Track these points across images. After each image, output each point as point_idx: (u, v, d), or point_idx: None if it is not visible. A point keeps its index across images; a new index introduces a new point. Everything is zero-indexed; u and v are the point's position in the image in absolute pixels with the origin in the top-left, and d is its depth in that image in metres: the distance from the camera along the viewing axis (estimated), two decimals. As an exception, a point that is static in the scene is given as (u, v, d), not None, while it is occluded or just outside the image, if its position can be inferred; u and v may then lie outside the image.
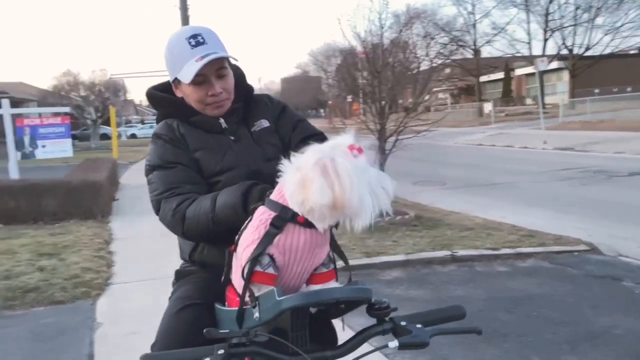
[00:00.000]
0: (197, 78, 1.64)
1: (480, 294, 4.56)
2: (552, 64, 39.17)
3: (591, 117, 26.81)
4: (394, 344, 1.21)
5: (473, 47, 47.38)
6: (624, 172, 11.18)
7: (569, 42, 42.24)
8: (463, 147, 21.08)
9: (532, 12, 43.15)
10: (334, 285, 1.36)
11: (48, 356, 3.62)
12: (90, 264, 5.59)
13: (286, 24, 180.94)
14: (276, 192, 1.33)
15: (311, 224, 1.28)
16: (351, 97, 11.35)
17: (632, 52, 43.95)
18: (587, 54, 42.08)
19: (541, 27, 43.28)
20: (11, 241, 6.68)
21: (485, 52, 49.61)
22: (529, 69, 40.47)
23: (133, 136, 43.29)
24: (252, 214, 1.37)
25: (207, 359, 1.14)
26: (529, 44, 44.07)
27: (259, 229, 1.31)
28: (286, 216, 1.29)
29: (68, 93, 32.68)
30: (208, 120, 1.75)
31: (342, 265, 4.77)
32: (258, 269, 1.29)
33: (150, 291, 4.57)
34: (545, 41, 43.30)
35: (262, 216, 1.32)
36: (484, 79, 51.38)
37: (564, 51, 42.59)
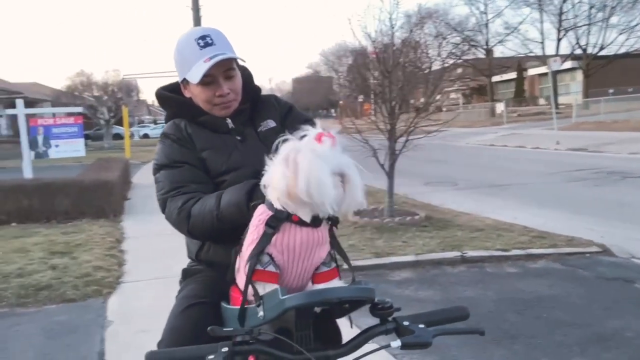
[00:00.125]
0: (205, 78, 1.66)
1: (490, 295, 4.53)
2: (566, 64, 38.89)
3: (605, 118, 26.56)
4: (396, 343, 1.22)
5: (485, 47, 47.12)
6: (638, 173, 11.05)
7: (582, 42, 41.89)
8: (475, 147, 20.96)
9: (545, 11, 42.83)
10: (336, 284, 1.38)
11: (60, 353, 3.66)
12: (102, 262, 5.64)
13: (297, 24, 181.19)
14: None
15: (306, 222, 1.30)
16: (362, 97, 11.33)
17: (647, 51, 43.48)
18: (602, 53, 41.66)
19: (555, 27, 42.94)
20: (24, 239, 6.77)
21: (497, 52, 49.36)
22: (542, 69, 40.17)
23: (145, 136, 43.62)
24: (254, 212, 1.39)
25: (210, 356, 1.15)
26: (542, 43, 43.73)
27: (258, 228, 1.33)
28: (281, 216, 1.31)
29: (81, 93, 33.02)
30: (215, 120, 1.77)
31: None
32: (259, 267, 1.31)
33: (160, 290, 4.61)
34: (558, 41, 42.95)
35: (261, 216, 1.34)
36: (496, 79, 51.06)
37: (578, 51, 42.20)
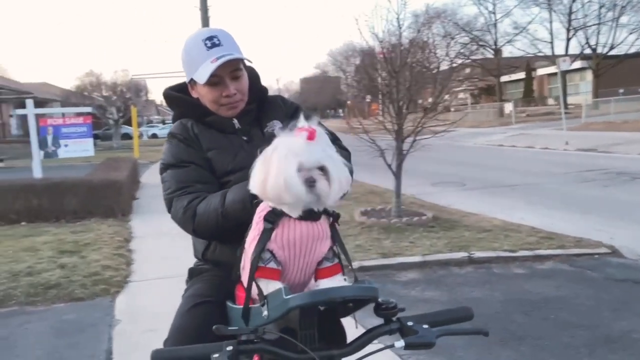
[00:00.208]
0: (212, 79, 1.68)
1: (497, 296, 4.52)
2: (575, 64, 38.60)
3: (615, 118, 26.34)
4: (400, 343, 1.23)
5: (494, 47, 46.90)
6: (648, 174, 10.97)
7: (592, 41, 41.60)
8: (483, 147, 20.87)
9: (554, 11, 42.58)
10: (339, 279, 1.38)
11: (68, 351, 3.69)
12: (110, 261, 5.68)
13: (305, 25, 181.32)
14: None
15: (305, 216, 1.32)
16: (370, 98, 11.32)
17: (658, 51, 43.08)
18: (612, 53, 41.35)
19: (564, 26, 42.67)
20: (34, 238, 6.83)
21: (506, 52, 49.11)
22: (551, 69, 39.90)
23: (154, 136, 43.79)
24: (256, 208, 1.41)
25: (215, 355, 1.16)
26: (552, 43, 43.45)
27: (258, 225, 1.36)
28: (278, 211, 1.33)
29: (90, 93, 33.22)
30: (222, 120, 1.78)
31: (358, 266, 4.76)
32: (260, 264, 1.33)
33: (168, 289, 4.63)
34: (568, 40, 42.69)
35: (262, 213, 1.36)
36: (505, 79, 50.83)
37: (588, 50, 41.91)
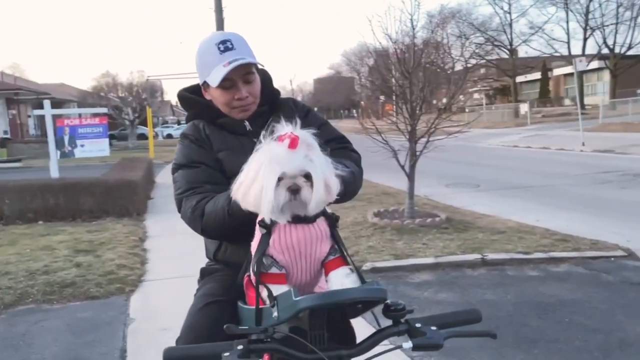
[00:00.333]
0: (224, 82, 1.70)
1: (510, 298, 4.48)
2: (593, 64, 38.22)
3: (633, 119, 25.98)
4: (408, 344, 1.23)
5: (509, 47, 46.53)
6: (666, 176, 10.81)
7: (610, 41, 41.13)
8: (498, 148, 20.72)
9: (571, 10, 42.21)
10: (346, 271, 1.39)
11: (83, 349, 3.74)
12: (125, 260, 5.74)
13: (319, 25, 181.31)
14: None
15: (300, 219, 1.35)
16: (383, 98, 11.31)
17: (677, 51, 42.41)
18: (630, 53, 40.81)
19: (581, 26, 42.28)
20: (50, 237, 6.93)
21: (521, 52, 48.71)
22: (568, 69, 39.53)
23: (169, 136, 44.15)
24: None
25: (226, 353, 1.18)
26: (568, 43, 43.03)
27: (258, 232, 1.39)
28: None
29: (107, 94, 33.62)
30: (233, 122, 1.81)
31: (370, 267, 4.75)
32: (262, 271, 1.35)
33: (181, 288, 4.66)
34: (585, 40, 42.24)
35: (258, 218, 1.39)
36: (520, 79, 50.43)
37: (605, 50, 41.43)
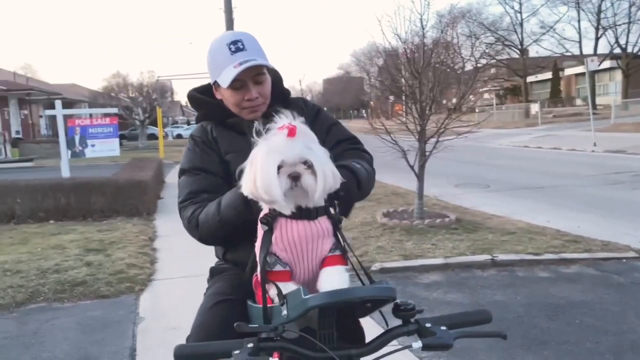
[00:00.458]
0: (234, 83, 1.70)
1: (520, 299, 4.46)
2: (604, 63, 37.88)
3: (645, 119, 25.72)
4: (417, 344, 1.23)
5: (520, 47, 46.26)
6: (679, 177, 10.69)
7: (622, 41, 40.75)
8: (508, 148, 20.60)
9: (583, 9, 41.86)
10: (341, 269, 1.40)
11: (93, 347, 3.77)
12: (135, 260, 5.78)
13: (329, 25, 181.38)
14: None
15: (301, 215, 1.35)
16: (393, 98, 11.29)
17: (691, 50, 41.93)
18: (642, 53, 40.42)
19: (593, 25, 41.91)
20: (61, 237, 6.99)
21: (532, 52, 48.40)
22: (579, 69, 39.27)
23: (179, 136, 44.34)
24: (252, 210, 1.47)
25: (236, 351, 1.18)
26: (580, 42, 42.69)
27: (261, 230, 1.40)
28: (274, 212, 1.37)
29: (117, 94, 33.86)
30: (243, 122, 1.81)
31: (379, 267, 4.75)
32: (267, 269, 1.36)
33: (190, 288, 4.69)
34: (597, 40, 41.88)
35: (260, 216, 1.40)
36: (531, 79, 50.11)
37: (617, 50, 41.05)
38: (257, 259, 1.40)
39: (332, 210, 1.43)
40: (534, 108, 39.90)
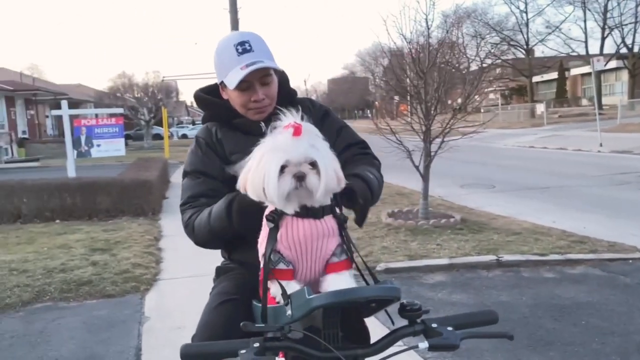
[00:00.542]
0: (241, 84, 1.70)
1: (526, 300, 4.44)
2: (611, 63, 37.70)
3: (652, 119, 25.59)
4: (424, 344, 1.23)
5: (525, 47, 46.09)
6: (686, 177, 10.62)
7: (628, 40, 40.54)
8: (513, 149, 20.54)
9: (589, 9, 41.67)
10: (346, 275, 1.40)
11: (99, 346, 3.79)
12: (140, 259, 5.79)
13: (334, 25, 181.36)
14: None
15: (306, 213, 1.35)
16: (398, 98, 11.28)
17: (698, 50, 41.69)
18: (649, 52, 40.20)
19: (599, 25, 41.73)
20: (67, 236, 7.02)
21: (538, 52, 48.21)
22: (586, 69, 39.09)
23: (184, 136, 44.46)
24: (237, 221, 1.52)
25: (242, 351, 1.18)
26: (586, 42, 42.48)
27: (266, 227, 1.39)
28: (280, 210, 1.37)
29: (123, 94, 33.95)
30: (249, 123, 1.81)
31: (384, 268, 4.74)
32: (270, 266, 1.36)
33: (196, 287, 4.70)
34: (603, 39, 41.70)
35: (266, 212, 1.40)
36: (537, 79, 49.92)
37: (624, 50, 40.85)
38: (260, 255, 1.40)
39: (337, 210, 1.43)
40: (540, 108, 39.76)
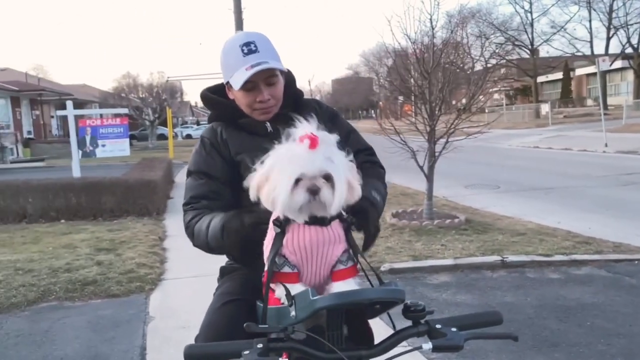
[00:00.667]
0: (246, 85, 1.70)
1: (531, 301, 4.43)
2: (616, 63, 37.58)
3: (657, 119, 25.48)
4: (427, 345, 1.23)
5: (530, 47, 45.96)
6: (692, 178, 10.57)
7: (634, 40, 40.34)
8: (518, 149, 20.48)
9: (594, 9, 41.51)
10: (352, 283, 1.39)
11: (104, 346, 3.80)
12: (145, 259, 5.81)
13: (338, 26, 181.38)
14: None
15: (314, 221, 1.35)
16: (402, 98, 11.26)
17: None
18: (654, 52, 40.01)
19: (604, 25, 41.58)
20: (72, 236, 7.04)
21: (543, 52, 48.11)
22: (591, 69, 38.96)
23: (188, 136, 44.50)
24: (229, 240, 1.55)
25: (246, 351, 1.18)
26: (591, 42, 42.34)
27: (272, 231, 1.39)
28: (287, 217, 1.36)
29: (127, 94, 34.06)
30: (254, 123, 1.81)
31: (389, 268, 4.75)
32: (275, 269, 1.36)
33: (200, 287, 4.71)
34: (608, 39, 41.53)
35: (273, 217, 1.40)
36: (541, 79, 49.73)
37: (629, 50, 40.67)
38: (265, 258, 1.40)
39: (344, 214, 1.42)
40: (545, 108, 39.63)
